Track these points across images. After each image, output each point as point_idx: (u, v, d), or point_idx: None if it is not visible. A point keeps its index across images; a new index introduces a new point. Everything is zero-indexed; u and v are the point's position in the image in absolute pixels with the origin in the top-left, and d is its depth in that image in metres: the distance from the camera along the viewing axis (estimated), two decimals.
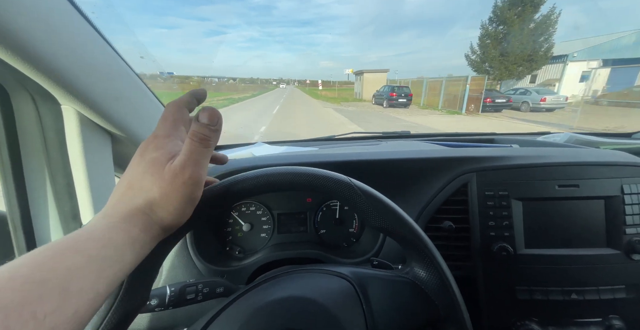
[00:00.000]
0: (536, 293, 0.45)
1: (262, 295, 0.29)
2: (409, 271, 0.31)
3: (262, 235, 0.60)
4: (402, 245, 0.30)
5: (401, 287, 0.30)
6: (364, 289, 0.29)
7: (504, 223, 0.46)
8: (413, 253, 0.30)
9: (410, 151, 0.54)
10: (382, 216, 0.28)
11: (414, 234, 0.28)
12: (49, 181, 0.43)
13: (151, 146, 0.23)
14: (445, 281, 0.28)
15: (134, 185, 0.22)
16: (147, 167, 0.22)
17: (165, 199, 0.22)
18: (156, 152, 0.23)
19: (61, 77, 0.35)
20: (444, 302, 0.29)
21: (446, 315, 0.29)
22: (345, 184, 0.28)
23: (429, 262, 0.29)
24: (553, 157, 0.48)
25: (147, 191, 0.22)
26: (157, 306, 0.34)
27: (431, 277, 0.29)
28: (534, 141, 0.79)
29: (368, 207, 0.28)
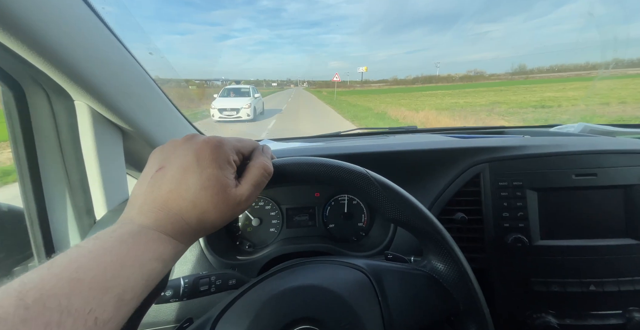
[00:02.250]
0: (553, 285, 0.44)
1: (277, 283, 0.29)
2: (426, 264, 0.30)
3: (271, 230, 0.60)
4: (419, 237, 0.30)
5: (418, 280, 0.29)
6: (379, 281, 0.28)
7: (519, 214, 0.45)
8: (430, 245, 0.30)
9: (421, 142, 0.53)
10: (398, 208, 0.27)
11: (432, 226, 0.28)
12: (64, 177, 0.44)
13: (210, 158, 0.22)
14: (464, 274, 0.28)
15: (185, 197, 0.20)
16: (205, 183, 0.21)
17: (219, 221, 0.22)
18: (217, 169, 0.21)
19: (75, 72, 0.35)
20: (463, 295, 0.28)
21: (465, 310, 0.28)
22: (361, 175, 0.28)
23: (447, 254, 0.28)
24: (569, 146, 0.47)
25: (203, 211, 0.21)
26: (171, 297, 0.35)
27: (449, 270, 0.28)
28: (547, 132, 0.77)
29: (384, 198, 0.27)
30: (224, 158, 0.22)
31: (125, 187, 0.52)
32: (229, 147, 0.23)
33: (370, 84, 64.42)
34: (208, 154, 0.22)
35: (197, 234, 0.22)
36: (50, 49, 0.32)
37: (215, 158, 0.22)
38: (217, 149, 0.22)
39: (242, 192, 0.22)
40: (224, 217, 0.22)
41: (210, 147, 0.22)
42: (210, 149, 0.22)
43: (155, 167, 0.22)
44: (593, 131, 0.73)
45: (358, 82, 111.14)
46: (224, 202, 0.21)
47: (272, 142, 0.90)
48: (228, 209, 0.22)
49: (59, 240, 0.45)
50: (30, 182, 0.41)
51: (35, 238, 0.44)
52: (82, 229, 0.47)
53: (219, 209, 0.21)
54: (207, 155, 0.22)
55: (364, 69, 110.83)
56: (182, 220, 0.20)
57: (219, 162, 0.22)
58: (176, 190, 0.20)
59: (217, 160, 0.22)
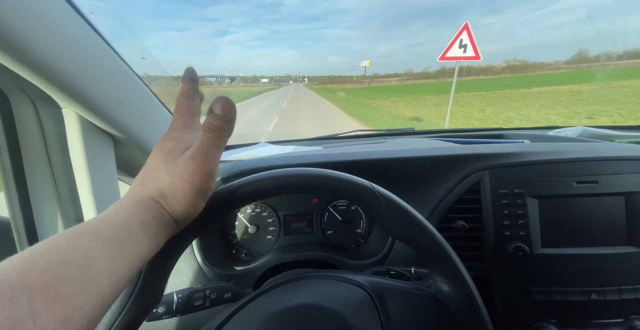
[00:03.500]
0: (554, 294, 0.44)
1: (276, 301, 0.28)
2: (431, 284, 0.29)
3: (268, 237, 0.59)
4: (424, 256, 0.29)
5: (422, 301, 0.28)
6: (382, 301, 0.28)
7: (520, 222, 0.44)
8: (436, 266, 0.28)
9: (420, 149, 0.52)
10: (404, 225, 0.27)
11: (439, 246, 0.27)
12: (52, 186, 0.42)
13: (167, 138, 0.24)
14: (472, 299, 0.27)
15: (149, 175, 0.23)
16: (163, 158, 0.23)
17: (175, 188, 0.22)
18: (172, 143, 0.24)
19: (61, 80, 0.34)
20: (470, 320, 0.27)
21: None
22: (366, 189, 0.27)
23: (453, 277, 0.27)
24: (570, 153, 0.46)
25: (160, 181, 0.22)
26: (164, 314, 0.34)
27: (456, 293, 0.27)
28: (545, 136, 0.77)
29: (390, 214, 0.26)
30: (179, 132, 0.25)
31: (117, 195, 0.50)
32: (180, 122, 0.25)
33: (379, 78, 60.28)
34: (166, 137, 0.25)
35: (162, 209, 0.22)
36: (34, 57, 0.30)
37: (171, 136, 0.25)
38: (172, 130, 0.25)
39: (187, 153, 0.23)
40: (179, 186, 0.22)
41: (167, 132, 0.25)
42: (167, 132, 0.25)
43: None
44: (592, 135, 0.72)
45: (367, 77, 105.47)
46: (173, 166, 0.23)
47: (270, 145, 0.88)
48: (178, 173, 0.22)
49: None
50: (17, 193, 0.40)
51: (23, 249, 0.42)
52: None
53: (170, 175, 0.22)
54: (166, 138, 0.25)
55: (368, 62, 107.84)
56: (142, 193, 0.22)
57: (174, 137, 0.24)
58: (144, 173, 0.24)
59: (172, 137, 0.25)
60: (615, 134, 0.71)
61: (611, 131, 0.73)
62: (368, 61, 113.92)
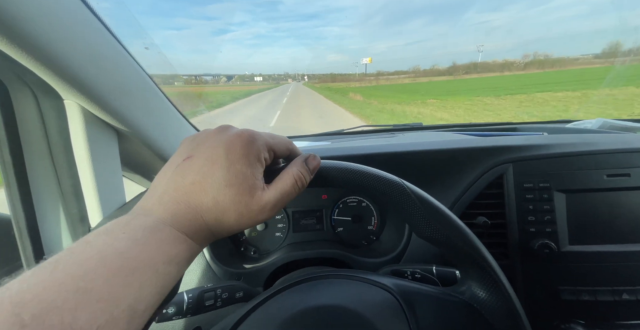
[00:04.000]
0: (582, 293, 0.41)
1: (297, 299, 0.26)
2: (465, 290, 0.27)
3: (277, 234, 0.58)
4: (458, 261, 0.27)
5: (455, 308, 0.26)
6: (410, 305, 0.25)
7: (546, 218, 0.42)
8: (472, 271, 0.26)
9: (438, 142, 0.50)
10: (438, 227, 0.24)
11: (476, 251, 0.25)
12: (54, 182, 0.40)
13: (240, 152, 0.20)
14: (512, 307, 0.25)
15: (208, 192, 0.19)
16: (232, 180, 0.19)
17: (237, 225, 0.20)
18: (246, 166, 0.20)
19: (63, 69, 0.32)
20: (508, 329, 0.25)
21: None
22: (397, 187, 0.25)
23: (492, 283, 0.25)
24: (600, 144, 0.43)
25: (223, 211, 0.19)
26: (174, 314, 0.32)
27: (494, 301, 0.25)
28: (564, 128, 0.74)
29: (422, 215, 0.24)
30: (255, 155, 0.20)
31: (121, 191, 0.48)
32: (261, 143, 0.21)
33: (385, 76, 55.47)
34: (239, 148, 0.20)
35: (211, 235, 0.20)
36: (36, 44, 0.28)
37: (246, 153, 0.20)
38: (249, 144, 0.20)
39: (268, 197, 0.20)
40: (242, 221, 0.20)
41: (242, 141, 0.20)
42: (241, 143, 0.20)
43: (183, 156, 0.20)
44: (613, 127, 0.69)
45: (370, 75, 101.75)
46: (247, 204, 0.19)
47: None
48: (249, 213, 0.19)
49: (51, 249, 0.42)
50: (18, 189, 0.38)
51: (25, 248, 0.40)
52: (76, 237, 0.44)
53: (239, 212, 0.19)
54: (238, 149, 0.20)
55: (368, 60, 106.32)
56: (200, 218, 0.19)
57: (250, 158, 0.20)
58: (200, 183, 0.19)
59: (247, 156, 0.20)
60: (637, 125, 0.68)
61: (633, 123, 0.70)
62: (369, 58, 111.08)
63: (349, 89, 32.23)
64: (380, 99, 17.54)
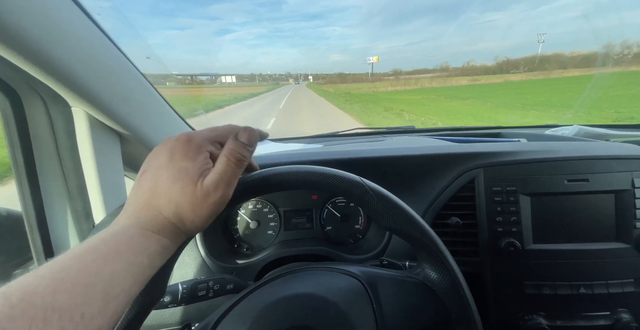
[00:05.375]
0: (544, 288, 0.45)
1: (273, 292, 0.29)
2: (420, 272, 0.31)
3: (269, 232, 0.61)
4: (413, 246, 0.30)
5: (412, 288, 0.30)
6: (374, 289, 0.29)
7: (512, 218, 0.45)
8: (424, 254, 0.30)
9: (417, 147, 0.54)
10: (393, 217, 0.28)
11: (426, 236, 0.28)
12: (62, 182, 0.44)
13: (181, 152, 0.22)
14: (457, 284, 0.28)
15: (160, 193, 0.21)
16: (176, 176, 0.21)
17: (194, 215, 0.22)
18: (187, 162, 0.22)
19: (71, 79, 0.35)
20: (455, 304, 0.29)
21: (457, 318, 0.29)
22: (357, 184, 0.28)
23: (440, 264, 0.29)
24: (562, 152, 0.47)
25: (177, 204, 0.21)
26: (170, 303, 0.35)
27: (442, 279, 0.29)
28: (542, 135, 0.78)
29: (380, 207, 0.28)
30: (195, 150, 0.23)
31: (123, 190, 0.52)
32: (199, 139, 0.23)
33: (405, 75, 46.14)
34: (179, 149, 0.22)
35: (179, 230, 0.22)
36: (45, 57, 0.32)
37: (185, 151, 0.22)
38: (187, 143, 0.23)
39: (208, 181, 0.22)
40: (197, 211, 0.22)
41: (180, 143, 0.23)
42: (180, 144, 0.22)
43: (140, 173, 0.23)
44: (587, 134, 0.73)
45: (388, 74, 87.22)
46: (193, 193, 0.21)
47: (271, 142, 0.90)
48: (198, 200, 0.21)
49: (59, 244, 0.46)
50: (29, 188, 0.41)
51: (35, 242, 0.44)
52: (81, 233, 0.47)
53: (190, 202, 0.21)
54: (179, 150, 0.22)
55: (375, 59, 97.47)
56: (161, 216, 0.21)
57: (189, 154, 0.22)
58: (154, 188, 0.21)
59: (187, 153, 0.22)
60: (611, 133, 0.72)
61: (607, 130, 0.74)
62: (375, 57, 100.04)
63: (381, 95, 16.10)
64: None
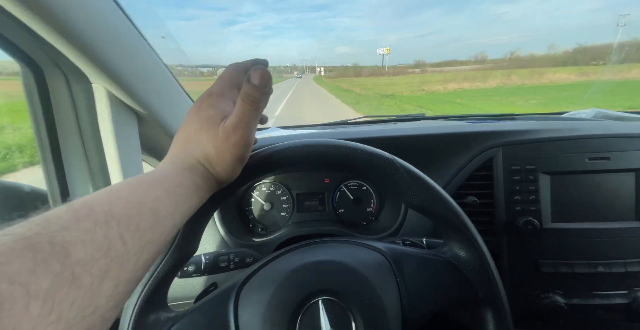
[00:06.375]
0: (561, 266, 0.45)
1: (299, 257, 0.30)
2: (446, 251, 0.31)
3: (282, 214, 0.62)
4: (441, 224, 0.30)
5: (437, 266, 0.30)
6: (399, 265, 0.29)
7: (531, 197, 0.45)
8: (452, 233, 0.30)
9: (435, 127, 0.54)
10: (423, 195, 0.28)
11: (455, 215, 0.28)
12: (83, 159, 0.45)
13: (205, 104, 0.25)
14: (485, 263, 0.28)
15: (191, 139, 0.24)
16: (202, 123, 0.24)
17: (219, 156, 0.24)
18: (210, 110, 0.24)
19: (94, 55, 0.36)
20: (483, 283, 0.29)
21: (484, 297, 0.29)
22: (387, 160, 0.28)
23: (468, 243, 0.29)
24: (583, 130, 0.47)
25: (204, 147, 0.24)
26: (194, 272, 0.37)
27: (470, 258, 0.29)
28: (559, 118, 0.76)
29: (409, 185, 0.28)
30: (217, 100, 0.25)
31: (141, 169, 0.53)
32: (219, 89, 0.26)
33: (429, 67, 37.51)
34: (204, 102, 0.25)
35: (209, 172, 0.24)
36: (70, 30, 0.32)
37: (209, 102, 0.25)
38: (209, 96, 0.26)
39: (228, 122, 0.24)
40: (222, 154, 0.24)
41: (204, 97, 0.26)
42: (204, 98, 0.26)
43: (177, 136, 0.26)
44: (605, 116, 0.71)
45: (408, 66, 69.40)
46: (216, 135, 0.23)
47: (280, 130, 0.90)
48: (222, 143, 0.23)
49: None
50: (54, 165, 0.42)
51: None
52: None
53: (214, 143, 0.23)
54: (203, 103, 0.25)
55: (386, 50, 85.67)
56: (191, 157, 0.24)
57: (212, 104, 0.25)
58: (187, 136, 0.25)
59: (210, 103, 0.25)
60: (629, 116, 0.71)
61: (624, 113, 0.72)
62: (387, 48, 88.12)
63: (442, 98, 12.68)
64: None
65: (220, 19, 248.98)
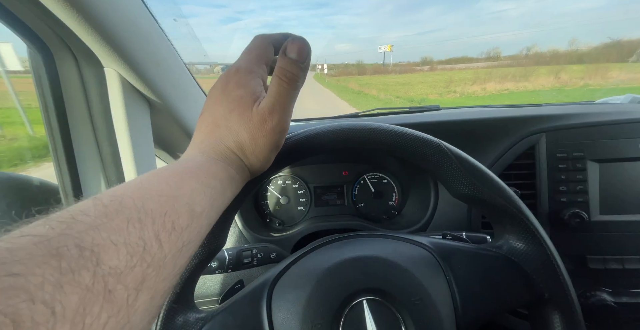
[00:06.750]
0: (610, 262, 0.41)
1: (337, 252, 0.27)
2: (503, 244, 0.27)
3: (299, 208, 0.59)
4: (495, 216, 0.27)
5: (493, 262, 0.26)
6: (447, 261, 0.26)
7: (578, 187, 0.41)
8: (508, 225, 0.27)
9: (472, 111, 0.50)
10: (476, 183, 0.25)
11: (514, 204, 0.25)
12: (95, 149, 0.42)
13: (233, 82, 0.22)
14: (551, 257, 0.25)
15: (220, 124, 0.21)
16: (232, 106, 0.21)
17: (254, 144, 0.21)
18: (240, 89, 0.21)
19: (107, 35, 0.33)
20: (549, 281, 0.25)
21: (550, 297, 0.25)
22: (435, 146, 0.25)
23: (530, 235, 0.25)
24: (634, 113, 0.42)
25: (236, 133, 0.21)
26: (217, 268, 0.34)
27: (533, 253, 0.25)
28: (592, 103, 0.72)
29: (459, 173, 0.25)
30: (246, 77, 0.22)
31: (153, 161, 0.50)
32: (247, 65, 0.22)
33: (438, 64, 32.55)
34: (231, 80, 0.22)
35: (241, 161, 0.22)
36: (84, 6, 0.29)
37: (236, 81, 0.22)
38: (236, 73, 0.22)
39: (263, 105, 0.21)
40: (257, 140, 0.21)
41: (230, 74, 0.22)
42: (231, 75, 0.22)
43: (200, 114, 0.23)
44: None
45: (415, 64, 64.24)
46: (250, 119, 0.21)
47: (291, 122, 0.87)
48: (257, 128, 0.21)
49: None
50: (64, 155, 0.40)
51: None
52: None
53: (248, 129, 0.21)
54: (231, 81, 0.22)
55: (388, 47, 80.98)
56: (222, 145, 0.21)
57: (241, 83, 0.22)
58: (214, 121, 0.21)
59: (238, 82, 0.22)
60: None
61: None
62: (388, 46, 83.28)
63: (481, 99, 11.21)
64: None
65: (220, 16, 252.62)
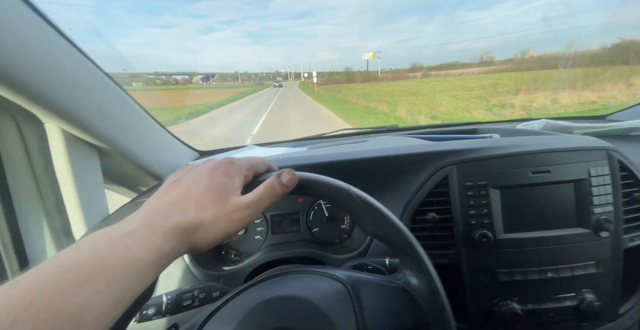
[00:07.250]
0: (515, 274, 0.48)
1: (260, 293, 0.30)
2: (401, 277, 0.32)
3: (256, 237, 0.61)
4: (395, 252, 0.32)
5: (393, 293, 0.31)
6: (357, 292, 0.30)
7: (484, 211, 0.48)
8: (405, 260, 0.32)
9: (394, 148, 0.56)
10: (378, 224, 0.29)
11: (408, 244, 0.30)
12: (37, 199, 0.43)
13: (222, 169, 0.25)
14: (435, 290, 0.30)
15: (191, 197, 0.22)
16: (212, 186, 0.23)
17: (214, 225, 0.22)
18: (226, 178, 0.24)
19: (40, 95, 0.35)
20: (433, 309, 0.30)
21: (434, 322, 0.30)
22: (343, 191, 0.29)
23: (420, 270, 0.30)
24: (527, 146, 0.51)
25: (203, 209, 0.22)
26: (154, 315, 0.35)
27: (421, 285, 0.31)
28: (513, 130, 0.82)
29: (365, 214, 0.29)
30: (235, 170, 0.25)
31: (104, 204, 0.51)
32: (240, 162, 0.27)
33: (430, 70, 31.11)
34: (221, 166, 0.25)
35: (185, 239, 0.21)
36: (11, 74, 0.31)
37: (226, 170, 0.25)
38: (229, 163, 0.26)
39: (241, 199, 0.24)
40: (219, 224, 0.22)
41: (223, 163, 0.26)
42: (223, 163, 0.25)
43: (172, 180, 0.25)
44: (553, 127, 0.78)
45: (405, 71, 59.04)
46: (223, 205, 0.22)
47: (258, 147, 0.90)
48: (225, 214, 0.22)
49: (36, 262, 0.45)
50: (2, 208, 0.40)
51: (10, 261, 0.43)
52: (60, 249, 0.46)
53: (216, 210, 0.22)
54: (220, 166, 0.25)
55: (370, 55, 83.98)
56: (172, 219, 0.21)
57: (229, 172, 0.25)
58: (185, 193, 0.23)
59: (227, 171, 0.25)
60: (575, 125, 0.78)
61: (570, 123, 0.79)
62: (371, 53, 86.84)
63: None
64: None
65: (199, 26, 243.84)
